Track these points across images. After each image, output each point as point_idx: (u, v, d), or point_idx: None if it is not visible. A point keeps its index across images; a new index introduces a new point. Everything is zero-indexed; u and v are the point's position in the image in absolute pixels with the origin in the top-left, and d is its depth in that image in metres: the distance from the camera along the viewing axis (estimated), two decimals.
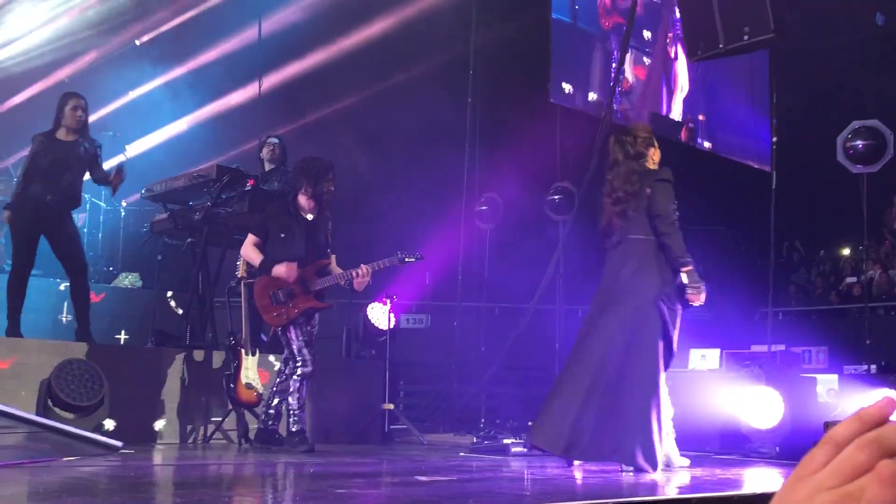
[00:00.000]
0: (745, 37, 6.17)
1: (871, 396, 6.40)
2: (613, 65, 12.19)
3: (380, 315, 8.53)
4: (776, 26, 6.05)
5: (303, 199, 6.18)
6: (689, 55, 6.69)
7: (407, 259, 6.14)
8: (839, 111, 10.43)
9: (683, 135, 12.97)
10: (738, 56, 7.02)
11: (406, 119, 12.00)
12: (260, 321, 6.44)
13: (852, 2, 13.87)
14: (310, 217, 6.20)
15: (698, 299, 4.82)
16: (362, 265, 6.02)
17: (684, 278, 4.79)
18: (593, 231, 5.46)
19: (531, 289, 9.67)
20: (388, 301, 8.05)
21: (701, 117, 13.34)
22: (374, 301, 8.89)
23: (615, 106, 12.10)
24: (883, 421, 0.56)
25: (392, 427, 7.51)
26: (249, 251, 6.16)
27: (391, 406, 7.45)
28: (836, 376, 7.23)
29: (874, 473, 0.53)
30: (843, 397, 6.74)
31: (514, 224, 11.56)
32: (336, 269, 6.19)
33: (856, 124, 7.93)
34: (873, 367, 7.46)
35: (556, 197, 10.11)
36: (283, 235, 6.10)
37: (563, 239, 9.63)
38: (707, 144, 13.21)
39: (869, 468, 0.54)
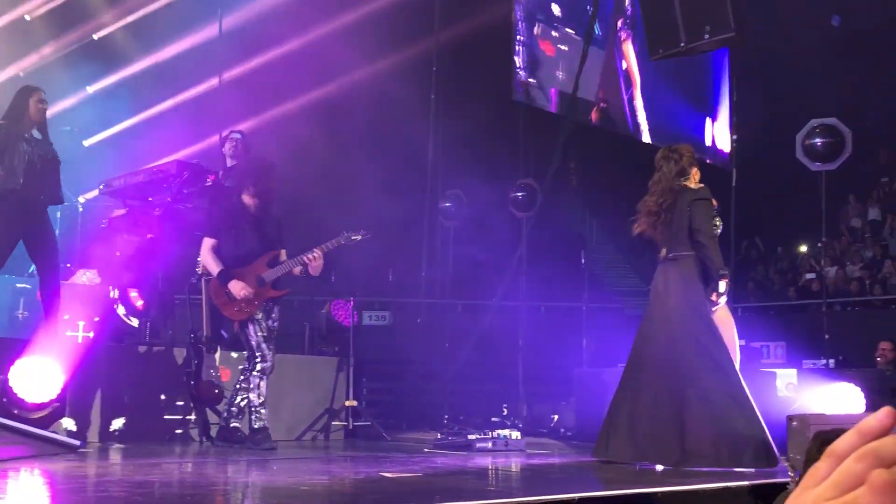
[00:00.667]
0: (706, 35, 6.23)
1: (830, 390, 6.51)
2: (519, 37, 11.92)
3: (342, 311, 8.49)
4: (737, 25, 6.11)
5: (247, 199, 6.19)
6: (650, 53, 6.73)
7: (353, 237, 6.16)
8: (798, 109, 10.58)
9: (594, 116, 12.61)
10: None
11: (369, 114, 11.96)
12: (221, 317, 6.39)
13: (809, 3, 14.09)
14: (256, 213, 6.19)
15: (717, 304, 5.32)
16: (314, 249, 6.04)
17: (721, 287, 5.21)
18: (556, 227, 5.52)
19: (494, 285, 9.69)
20: (352, 298, 8.03)
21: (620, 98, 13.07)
22: (336, 298, 8.85)
23: (522, 77, 11.94)
24: (882, 433, 0.57)
25: (356, 424, 7.49)
26: (208, 258, 6.12)
27: (354, 403, 7.43)
28: (794, 371, 7.34)
29: (868, 482, 0.54)
30: (802, 391, 6.84)
31: (478, 221, 11.58)
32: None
33: (814, 122, 8.04)
34: (831, 361, 7.58)
35: (520, 194, 10.15)
36: (233, 233, 6.10)
37: (526, 236, 9.66)
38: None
39: (866, 479, 0.55)
